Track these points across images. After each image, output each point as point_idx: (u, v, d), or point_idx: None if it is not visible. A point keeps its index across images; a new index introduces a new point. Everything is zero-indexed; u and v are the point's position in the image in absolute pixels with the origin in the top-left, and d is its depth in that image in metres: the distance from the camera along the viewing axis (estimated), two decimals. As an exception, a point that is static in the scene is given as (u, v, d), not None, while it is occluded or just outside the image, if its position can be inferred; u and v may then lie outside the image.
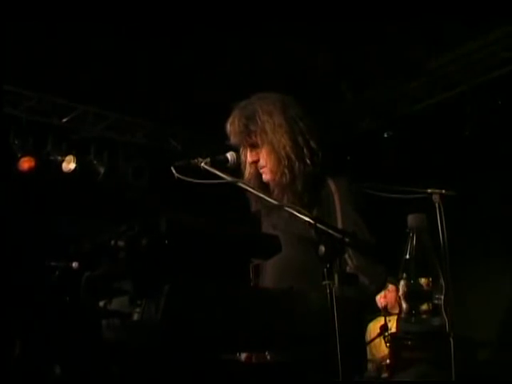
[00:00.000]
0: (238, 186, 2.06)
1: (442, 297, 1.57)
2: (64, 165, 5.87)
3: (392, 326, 4.42)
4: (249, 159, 2.28)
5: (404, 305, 1.57)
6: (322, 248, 1.55)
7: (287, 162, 2.18)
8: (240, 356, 1.94)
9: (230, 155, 2.23)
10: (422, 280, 1.56)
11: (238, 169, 2.29)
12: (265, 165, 2.26)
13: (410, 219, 1.63)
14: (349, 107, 6.15)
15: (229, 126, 2.26)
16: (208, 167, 2.09)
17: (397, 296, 4.91)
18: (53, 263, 1.64)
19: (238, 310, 1.62)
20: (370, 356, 4.63)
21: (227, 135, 2.28)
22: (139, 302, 1.53)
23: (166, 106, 5.90)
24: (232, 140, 2.27)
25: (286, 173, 2.18)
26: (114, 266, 1.56)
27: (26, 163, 5.63)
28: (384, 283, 2.21)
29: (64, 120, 5.94)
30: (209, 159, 2.13)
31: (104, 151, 6.16)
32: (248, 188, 2.10)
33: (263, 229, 2.38)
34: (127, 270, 1.55)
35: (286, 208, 1.87)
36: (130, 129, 6.39)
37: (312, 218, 1.65)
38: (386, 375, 4.13)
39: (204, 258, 1.63)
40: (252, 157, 2.27)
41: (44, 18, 4.37)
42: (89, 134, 6.09)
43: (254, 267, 2.23)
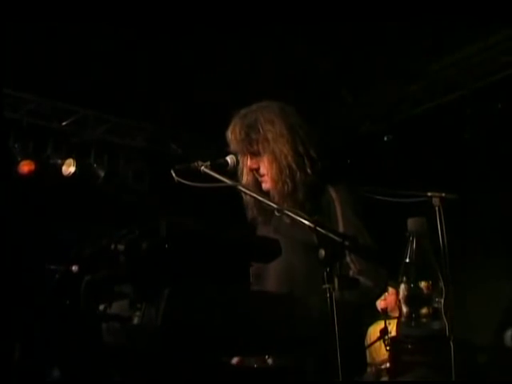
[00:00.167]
0: (238, 189, 2.07)
1: (441, 300, 1.57)
2: (64, 168, 5.87)
3: (392, 329, 4.42)
4: (249, 167, 2.29)
5: (404, 308, 1.57)
6: (322, 252, 1.55)
7: (289, 171, 2.19)
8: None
9: (229, 159, 2.23)
10: (422, 284, 1.56)
11: (238, 172, 2.29)
12: (265, 173, 2.25)
13: (410, 223, 1.63)
14: (349, 111, 6.15)
15: (230, 134, 2.26)
16: (208, 170, 2.09)
17: (397, 299, 4.90)
18: (53, 267, 1.65)
19: (237, 313, 1.62)
20: (370, 359, 4.62)
21: (227, 142, 2.28)
22: (139, 305, 1.53)
23: (166, 109, 5.90)
24: (232, 148, 2.27)
25: (288, 182, 2.18)
26: (114, 270, 1.56)
27: (26, 167, 5.63)
28: (386, 286, 2.21)
29: (64, 123, 5.94)
30: (209, 163, 2.13)
31: (104, 155, 6.16)
32: (248, 192, 2.11)
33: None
34: (127, 273, 1.55)
35: (286, 211, 1.87)
36: (129, 132, 6.39)
37: (312, 222, 1.65)
38: (385, 379, 4.13)
39: (204, 262, 1.63)
40: (252, 164, 2.27)
41: (44, 21, 4.37)
42: (89, 138, 6.09)
43: (255, 271, 2.23)
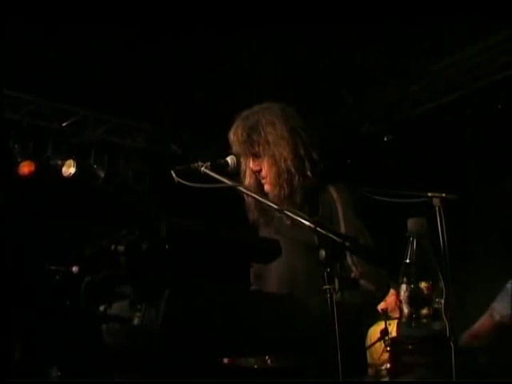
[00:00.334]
0: (239, 190, 2.07)
1: (442, 301, 1.57)
2: (64, 169, 5.86)
3: (392, 330, 4.41)
4: (252, 169, 2.29)
5: (405, 309, 1.57)
6: (323, 252, 1.55)
7: (287, 175, 2.19)
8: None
9: (230, 159, 2.23)
10: (423, 284, 1.56)
11: (239, 173, 2.29)
12: (265, 176, 2.26)
13: (410, 223, 1.63)
14: (349, 111, 6.15)
15: (232, 135, 2.27)
16: (208, 171, 2.09)
17: (397, 300, 4.89)
18: (53, 267, 1.65)
19: (237, 314, 1.62)
20: (371, 360, 4.62)
21: (230, 144, 2.28)
22: (139, 306, 1.53)
23: (166, 109, 5.90)
24: (235, 149, 2.27)
25: (285, 187, 2.19)
26: (115, 271, 1.56)
27: (26, 167, 5.63)
28: (388, 289, 2.20)
29: (64, 124, 5.94)
30: (209, 163, 2.12)
31: (104, 155, 6.16)
32: (248, 192, 2.10)
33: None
34: (127, 274, 1.55)
35: (286, 212, 1.86)
36: (130, 133, 6.39)
37: (312, 222, 1.65)
38: (386, 379, 4.12)
39: (204, 262, 1.63)
40: (255, 166, 2.27)
41: (44, 21, 4.37)
42: (89, 138, 6.09)
43: (256, 271, 2.23)
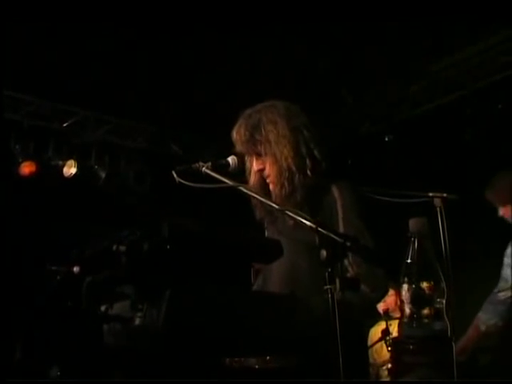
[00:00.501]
0: (240, 190, 2.07)
1: (443, 301, 1.57)
2: (65, 169, 5.86)
3: (393, 330, 4.41)
4: (255, 168, 2.29)
5: (407, 309, 1.57)
6: (324, 252, 1.55)
7: (288, 173, 2.18)
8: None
9: (231, 159, 2.23)
10: (424, 284, 1.56)
11: (240, 173, 2.29)
12: (269, 174, 2.26)
13: (412, 223, 1.63)
14: (349, 111, 6.15)
15: (235, 134, 2.27)
16: (209, 171, 2.09)
17: (397, 300, 4.90)
18: (54, 268, 1.65)
19: (238, 314, 1.62)
20: (372, 360, 4.62)
21: (233, 143, 2.28)
22: (140, 306, 1.53)
23: (166, 110, 5.90)
24: (238, 148, 2.27)
25: (286, 185, 2.18)
26: (116, 271, 1.56)
27: (27, 168, 5.63)
28: (385, 290, 2.19)
29: (65, 125, 5.94)
30: (210, 163, 2.12)
31: (105, 156, 6.15)
32: (249, 193, 2.10)
33: (268, 235, 2.36)
34: (129, 274, 1.56)
35: (287, 212, 1.86)
36: (130, 133, 6.39)
37: (313, 222, 1.65)
38: (387, 379, 4.12)
39: (205, 263, 1.63)
40: (258, 165, 2.27)
41: (45, 21, 4.37)
42: (90, 139, 6.09)
43: (257, 272, 2.23)
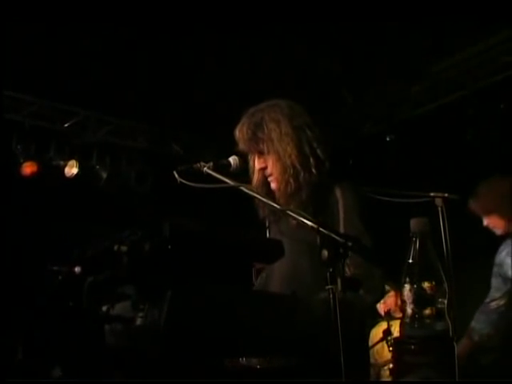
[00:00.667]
0: (241, 190, 2.06)
1: (445, 301, 1.56)
2: (66, 170, 5.87)
3: (394, 330, 4.41)
4: (257, 166, 2.29)
5: (408, 309, 1.57)
6: (325, 252, 1.55)
7: (292, 171, 2.18)
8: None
9: (232, 159, 2.23)
10: (425, 284, 1.56)
11: (241, 173, 2.29)
12: (271, 173, 2.26)
13: (413, 223, 1.62)
14: (351, 111, 6.14)
15: (237, 132, 2.27)
16: (210, 171, 2.10)
17: (397, 301, 4.90)
18: (55, 268, 1.65)
19: (240, 314, 1.62)
20: (373, 361, 4.62)
21: (235, 141, 2.29)
22: (142, 306, 1.53)
23: (167, 110, 5.90)
24: (240, 146, 2.28)
25: (291, 182, 2.18)
26: (117, 271, 1.56)
27: (29, 168, 5.64)
28: (380, 293, 2.18)
29: (66, 125, 5.95)
30: (211, 163, 2.13)
31: (106, 156, 6.16)
32: (250, 193, 2.10)
33: (271, 235, 2.37)
34: (130, 274, 1.56)
35: (289, 212, 1.86)
36: (131, 133, 6.39)
37: (315, 223, 1.64)
38: (388, 380, 4.12)
39: (206, 263, 1.63)
40: (260, 164, 2.28)
41: (45, 21, 4.37)
42: (91, 139, 6.09)
43: (258, 272, 2.23)
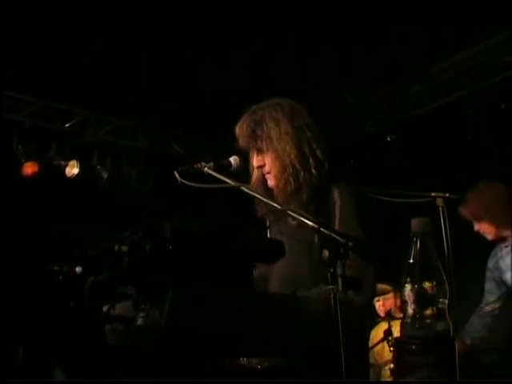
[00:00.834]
0: (242, 190, 2.06)
1: (446, 301, 1.56)
2: (67, 170, 5.88)
3: (395, 330, 4.41)
4: (255, 163, 2.29)
5: (409, 309, 1.57)
6: (326, 252, 1.55)
7: (292, 170, 2.18)
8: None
9: (233, 159, 2.23)
10: (426, 284, 1.56)
11: (242, 173, 2.29)
12: (269, 171, 2.26)
13: (414, 223, 1.63)
14: (352, 111, 6.14)
15: (237, 129, 2.28)
16: (211, 171, 2.10)
17: (396, 301, 4.91)
18: (56, 268, 1.65)
19: (241, 314, 1.61)
20: (373, 361, 4.62)
21: (236, 138, 2.30)
22: (143, 306, 1.53)
23: (168, 110, 5.91)
24: (240, 143, 2.29)
25: (291, 181, 2.18)
26: (118, 271, 1.56)
27: (30, 168, 5.64)
28: (370, 296, 2.17)
29: (67, 125, 5.95)
30: (212, 163, 2.13)
31: (107, 156, 6.17)
32: (251, 192, 2.10)
33: (271, 234, 2.37)
34: (131, 274, 1.55)
35: (289, 212, 1.86)
36: (132, 134, 6.39)
37: (316, 223, 1.64)
38: (389, 380, 4.12)
39: (207, 263, 1.63)
40: (258, 161, 2.28)
41: (45, 21, 4.37)
42: (92, 139, 6.10)
43: (259, 272, 2.23)
